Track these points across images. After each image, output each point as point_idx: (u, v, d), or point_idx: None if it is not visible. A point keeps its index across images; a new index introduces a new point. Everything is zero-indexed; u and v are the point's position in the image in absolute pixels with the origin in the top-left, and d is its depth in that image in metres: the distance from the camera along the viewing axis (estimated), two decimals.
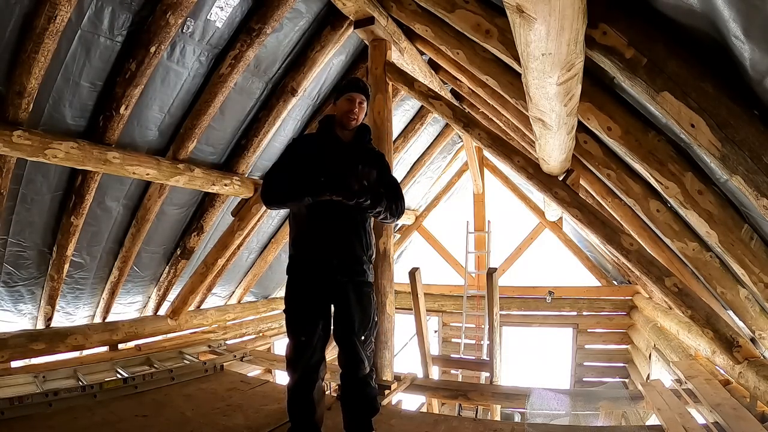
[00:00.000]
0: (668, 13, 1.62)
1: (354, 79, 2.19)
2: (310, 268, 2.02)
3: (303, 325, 2.01)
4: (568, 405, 3.43)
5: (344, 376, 2.10)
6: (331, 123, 2.13)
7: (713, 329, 2.52)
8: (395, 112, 4.99)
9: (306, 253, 2.04)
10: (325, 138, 2.11)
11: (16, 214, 3.14)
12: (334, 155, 2.04)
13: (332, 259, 1.99)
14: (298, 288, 2.05)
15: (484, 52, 2.92)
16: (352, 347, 2.02)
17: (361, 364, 2.04)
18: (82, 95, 2.92)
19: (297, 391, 2.05)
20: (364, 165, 2.05)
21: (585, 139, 2.93)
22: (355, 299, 2.01)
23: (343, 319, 2.02)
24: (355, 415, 2.12)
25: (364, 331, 2.03)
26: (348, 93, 2.07)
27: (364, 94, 2.09)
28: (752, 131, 1.55)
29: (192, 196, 4.16)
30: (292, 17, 3.46)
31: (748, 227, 2.21)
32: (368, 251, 2.09)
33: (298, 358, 2.01)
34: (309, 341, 1.99)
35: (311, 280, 2.02)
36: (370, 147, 2.21)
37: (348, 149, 2.09)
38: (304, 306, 2.02)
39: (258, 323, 5.89)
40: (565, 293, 6.79)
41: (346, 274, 2.01)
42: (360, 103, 2.07)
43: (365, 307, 2.05)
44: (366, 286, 2.07)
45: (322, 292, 2.01)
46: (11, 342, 3.40)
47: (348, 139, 2.11)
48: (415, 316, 3.99)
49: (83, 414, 2.61)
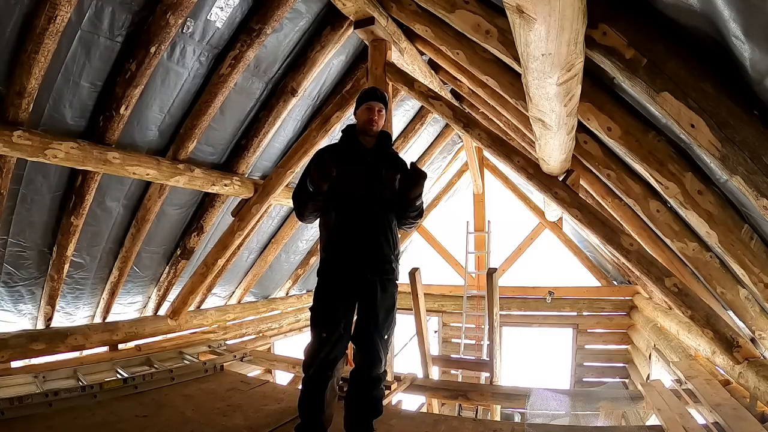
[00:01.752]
0: (668, 13, 1.62)
1: (372, 88, 2.32)
2: (341, 267, 2.11)
3: (327, 321, 2.08)
4: (568, 405, 3.43)
5: (356, 373, 2.15)
6: (353, 131, 2.25)
7: (713, 329, 2.52)
8: (395, 112, 4.99)
9: (337, 255, 2.12)
10: (350, 145, 2.22)
11: (16, 214, 3.13)
12: (360, 164, 2.15)
13: (362, 259, 2.09)
14: (328, 285, 2.14)
15: (484, 53, 2.92)
16: (372, 345, 2.08)
17: (378, 362, 2.10)
18: (82, 95, 2.92)
19: (310, 386, 2.09)
20: (387, 169, 2.16)
21: (585, 139, 2.93)
22: (381, 296, 2.10)
23: (368, 316, 2.09)
24: (358, 415, 2.13)
25: (386, 329, 2.13)
26: (367, 102, 2.19)
27: (383, 102, 2.21)
28: (752, 131, 1.55)
29: (192, 196, 4.16)
30: (292, 17, 3.46)
31: (748, 227, 2.21)
32: (395, 250, 2.18)
33: (317, 353, 2.07)
34: (329, 337, 2.05)
35: (341, 278, 2.11)
36: (392, 152, 2.31)
37: (371, 154, 2.19)
38: (332, 302, 2.10)
39: (258, 323, 5.88)
40: (565, 293, 6.80)
41: (376, 272, 2.10)
42: (379, 110, 2.18)
43: (389, 306, 2.14)
44: (392, 286, 2.16)
45: (350, 289, 2.10)
46: (11, 342, 3.39)
47: (370, 145, 2.22)
48: (415, 316, 4.00)
49: (83, 414, 2.61)
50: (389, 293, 2.14)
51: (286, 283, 6.42)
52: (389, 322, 2.15)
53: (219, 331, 5.17)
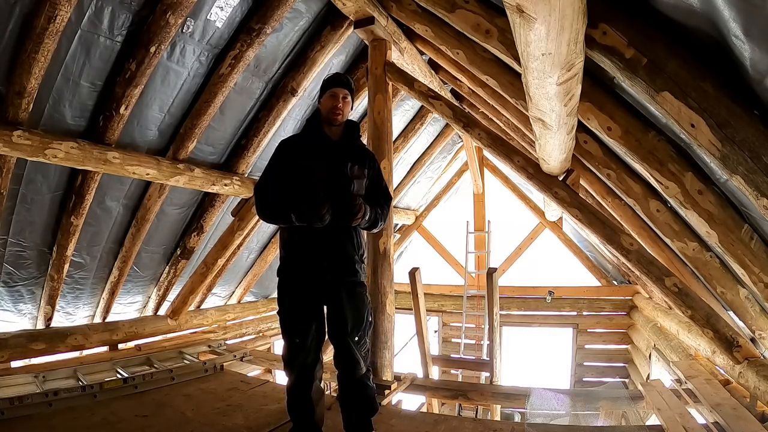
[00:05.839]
0: (668, 13, 1.62)
1: (336, 74, 2.12)
2: (302, 269, 1.99)
3: (296, 327, 1.99)
4: (568, 405, 3.43)
5: (341, 377, 2.09)
6: (317, 121, 2.07)
7: (713, 329, 2.52)
8: (395, 112, 4.99)
9: (298, 255, 2.00)
10: (313, 137, 2.04)
11: (16, 214, 3.13)
12: (323, 157, 1.98)
13: (323, 260, 1.96)
14: (290, 289, 2.02)
15: (484, 52, 2.92)
16: (346, 348, 2.00)
17: (356, 364, 2.02)
18: (82, 95, 2.92)
19: (295, 392, 2.05)
20: (353, 163, 2.01)
21: (585, 139, 2.93)
22: (347, 299, 1.99)
23: (336, 319, 2.00)
24: (355, 415, 2.11)
25: (357, 331, 2.01)
26: (331, 89, 2.01)
27: (348, 89, 2.02)
28: (752, 131, 1.55)
29: (192, 196, 4.16)
30: (292, 17, 3.46)
31: (748, 227, 2.21)
32: (359, 251, 2.06)
33: (293, 359, 2.01)
34: (303, 342, 1.98)
35: (303, 281, 2.00)
36: (359, 144, 2.14)
37: (336, 147, 2.03)
38: (297, 307, 2.00)
39: (258, 323, 5.89)
40: (565, 293, 6.79)
41: (338, 274, 1.99)
42: (344, 97, 2.00)
43: (358, 307, 2.02)
44: (358, 286, 2.05)
45: (314, 293, 1.99)
46: (11, 342, 3.40)
47: (336, 136, 2.05)
48: (415, 316, 3.99)
49: (83, 414, 2.61)
50: (357, 294, 2.02)
51: None
52: (360, 323, 2.01)
53: (219, 330, 5.18)
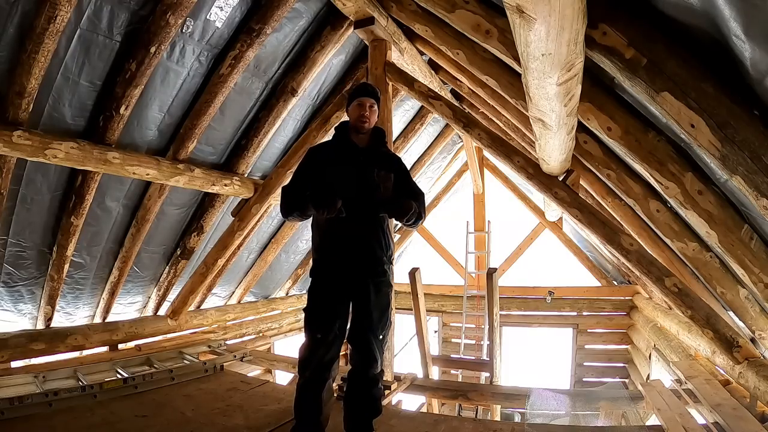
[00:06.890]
0: (668, 13, 1.62)
1: (363, 84, 2.27)
2: (334, 268, 2.09)
3: (321, 322, 2.06)
4: (568, 405, 3.43)
5: (353, 373, 2.14)
6: (345, 129, 2.20)
7: (713, 329, 2.52)
8: (395, 112, 4.99)
9: (329, 256, 2.11)
10: (341, 144, 2.17)
11: (16, 214, 3.13)
12: (351, 163, 2.09)
13: (354, 261, 2.07)
14: (320, 287, 2.11)
15: (484, 53, 2.92)
16: (368, 345, 2.06)
17: (374, 362, 2.09)
18: (82, 95, 2.92)
19: (307, 388, 2.07)
20: (380, 168, 2.10)
21: (585, 139, 2.93)
22: (374, 297, 2.07)
23: (362, 316, 2.07)
24: (358, 415, 2.13)
25: (381, 329, 2.10)
26: (358, 98, 2.13)
27: (374, 98, 2.14)
28: (752, 131, 1.55)
29: (192, 196, 4.16)
30: (291, 17, 3.46)
31: (748, 227, 2.21)
32: (388, 251, 2.16)
33: (312, 354, 2.05)
34: (324, 338, 2.03)
35: (334, 279, 2.08)
36: (386, 150, 2.26)
37: (364, 154, 2.14)
38: (325, 303, 2.08)
39: (258, 323, 5.88)
40: (565, 293, 6.79)
41: (368, 274, 2.08)
42: (370, 106, 2.12)
43: (384, 306, 2.11)
44: (385, 286, 2.14)
45: (343, 291, 2.08)
46: (11, 342, 3.39)
47: (364, 144, 2.17)
48: (415, 316, 3.99)
49: (83, 414, 2.61)
50: (383, 293, 2.12)
51: (286, 283, 6.42)
52: (384, 322, 2.12)
53: (219, 331, 5.17)
